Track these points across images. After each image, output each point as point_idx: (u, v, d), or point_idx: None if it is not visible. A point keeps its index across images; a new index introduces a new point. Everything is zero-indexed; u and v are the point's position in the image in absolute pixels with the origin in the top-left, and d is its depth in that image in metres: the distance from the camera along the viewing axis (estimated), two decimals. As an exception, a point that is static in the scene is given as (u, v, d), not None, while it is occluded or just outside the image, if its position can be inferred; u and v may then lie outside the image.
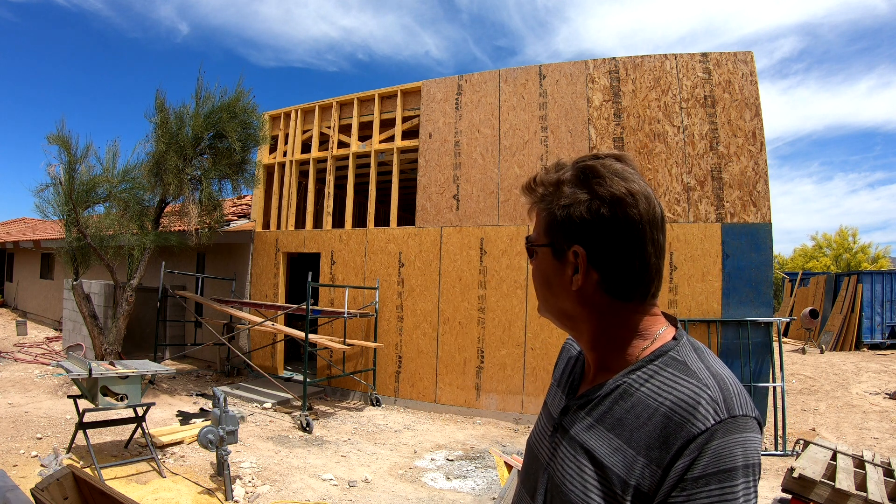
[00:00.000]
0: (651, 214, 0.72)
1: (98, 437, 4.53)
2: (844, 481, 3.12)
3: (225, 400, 3.82)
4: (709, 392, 0.64)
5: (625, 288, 0.73)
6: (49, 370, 7.42)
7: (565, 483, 0.73)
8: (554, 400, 0.88)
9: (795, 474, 3.16)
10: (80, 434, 4.04)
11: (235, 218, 9.53)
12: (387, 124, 7.77)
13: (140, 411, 4.27)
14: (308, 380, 6.08)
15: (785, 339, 13.80)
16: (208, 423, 3.88)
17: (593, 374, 0.80)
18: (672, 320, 0.78)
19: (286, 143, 8.46)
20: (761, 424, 0.66)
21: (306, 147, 8.54)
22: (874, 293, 12.36)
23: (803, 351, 11.85)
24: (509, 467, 3.33)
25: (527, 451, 0.90)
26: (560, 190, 0.76)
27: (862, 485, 3.15)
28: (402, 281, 7.08)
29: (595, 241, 0.72)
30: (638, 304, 0.74)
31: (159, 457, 4.24)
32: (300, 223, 8.30)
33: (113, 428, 4.46)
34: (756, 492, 0.63)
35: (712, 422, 0.62)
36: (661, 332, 0.75)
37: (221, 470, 3.76)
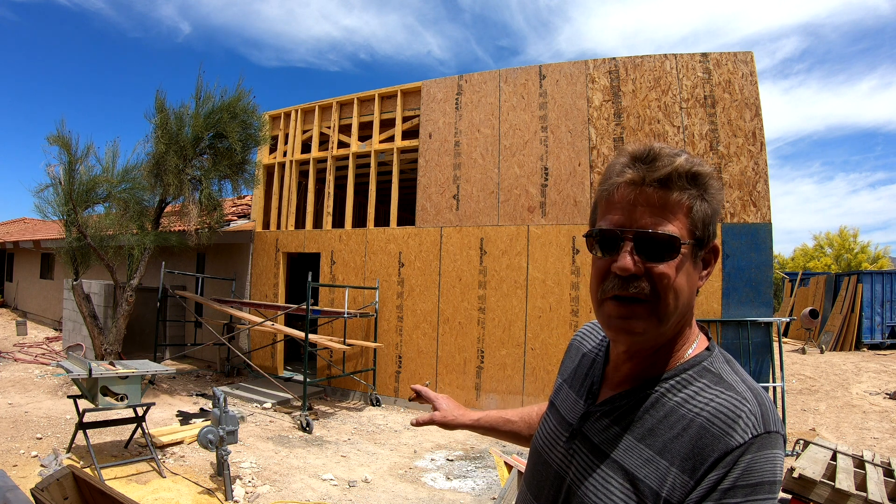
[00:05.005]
0: None
1: (98, 437, 4.53)
2: (844, 481, 3.11)
3: (225, 400, 3.82)
4: (748, 405, 0.64)
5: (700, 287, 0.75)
6: (49, 370, 7.42)
7: (588, 495, 0.71)
8: (566, 402, 0.85)
9: (795, 474, 3.16)
10: (80, 434, 4.04)
11: (235, 218, 9.53)
12: (387, 124, 7.77)
13: (140, 411, 4.26)
14: (308, 380, 6.08)
15: (785, 339, 13.79)
16: (208, 423, 3.87)
17: (620, 380, 0.76)
18: (703, 329, 0.77)
19: (286, 143, 8.46)
20: (786, 440, 0.65)
21: (306, 147, 8.54)
22: (874, 293, 12.35)
23: (803, 351, 11.85)
24: (509, 467, 3.32)
25: (533, 455, 0.87)
26: (711, 185, 0.72)
27: (862, 485, 3.14)
28: (402, 281, 7.07)
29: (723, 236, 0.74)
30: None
31: (159, 457, 4.24)
32: (300, 223, 8.30)
33: (113, 428, 4.46)
34: None
35: (750, 436, 0.61)
36: (698, 341, 0.74)
37: (221, 470, 3.76)
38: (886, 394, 7.61)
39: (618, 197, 0.71)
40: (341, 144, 8.01)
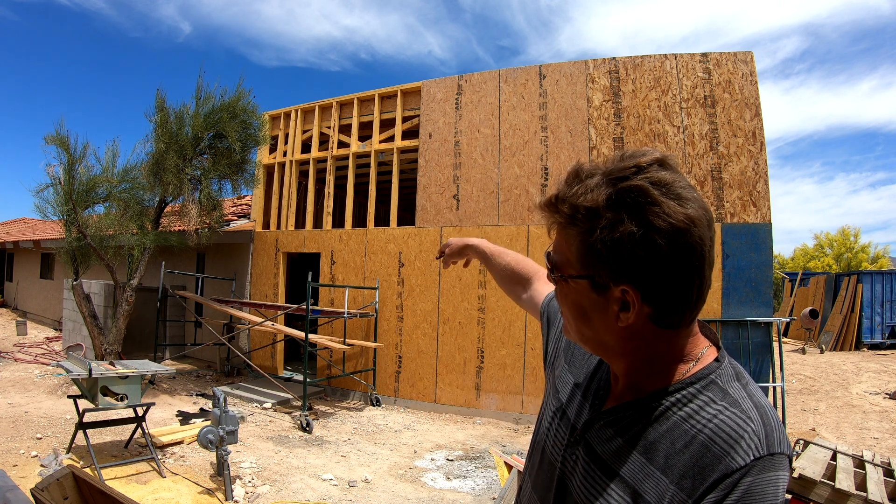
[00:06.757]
0: (710, 235, 0.63)
1: (98, 437, 4.53)
2: (844, 481, 3.11)
3: (225, 400, 3.82)
4: (752, 425, 0.61)
5: (678, 318, 0.66)
6: (49, 370, 7.42)
7: None
8: (573, 402, 0.82)
9: (795, 474, 3.15)
10: (80, 434, 4.04)
11: (235, 218, 9.53)
12: (387, 124, 7.77)
13: (140, 411, 4.26)
14: (308, 380, 6.07)
15: (785, 339, 13.79)
16: (208, 423, 3.87)
17: (623, 389, 0.74)
18: (713, 338, 0.73)
19: (286, 143, 8.46)
20: (791, 461, 0.63)
21: (306, 147, 8.54)
22: (874, 293, 12.36)
23: (803, 351, 11.85)
24: (509, 467, 3.33)
25: (537, 453, 0.86)
26: (599, 217, 0.62)
27: (862, 485, 3.14)
28: (402, 281, 7.07)
29: (650, 278, 0.62)
30: (684, 328, 0.68)
31: (159, 457, 4.24)
32: (300, 223, 8.30)
33: (113, 428, 4.46)
34: None
35: (752, 458, 0.59)
36: (704, 353, 0.70)
37: (221, 470, 3.76)
38: (886, 394, 7.62)
39: None
40: (341, 144, 8.01)
